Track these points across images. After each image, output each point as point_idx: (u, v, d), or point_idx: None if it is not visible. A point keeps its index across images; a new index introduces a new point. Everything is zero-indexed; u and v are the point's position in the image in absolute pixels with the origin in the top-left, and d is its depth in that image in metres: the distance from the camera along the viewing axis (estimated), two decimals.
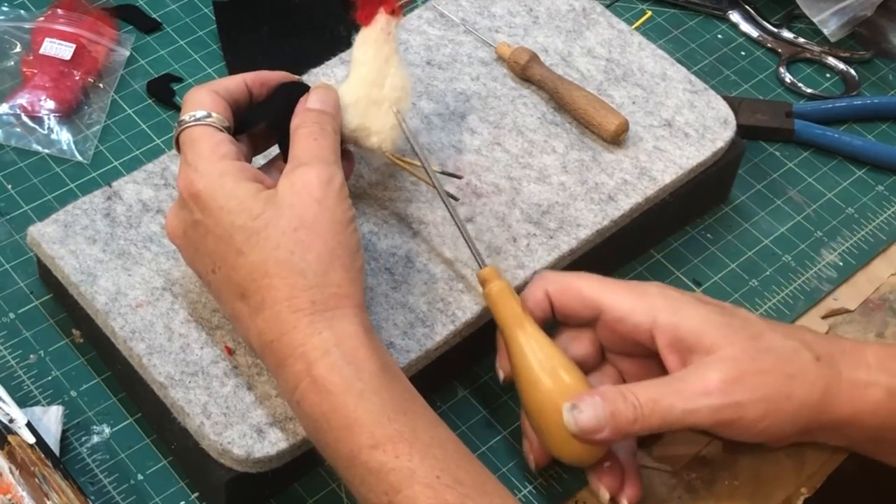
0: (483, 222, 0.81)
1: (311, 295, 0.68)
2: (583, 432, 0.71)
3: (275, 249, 0.69)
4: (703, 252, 0.90)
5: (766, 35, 1.04)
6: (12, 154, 0.91)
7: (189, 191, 0.71)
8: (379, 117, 0.77)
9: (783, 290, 0.88)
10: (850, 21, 1.02)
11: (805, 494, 0.79)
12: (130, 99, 0.95)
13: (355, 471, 0.66)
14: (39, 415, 0.76)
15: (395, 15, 0.77)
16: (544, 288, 0.76)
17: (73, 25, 0.96)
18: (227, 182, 0.70)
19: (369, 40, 0.77)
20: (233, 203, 0.70)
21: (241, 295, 0.70)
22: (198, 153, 0.72)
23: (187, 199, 0.71)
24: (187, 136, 0.73)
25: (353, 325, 0.68)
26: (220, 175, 0.71)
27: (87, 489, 0.75)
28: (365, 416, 0.66)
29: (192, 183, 0.71)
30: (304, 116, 0.74)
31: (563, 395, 0.72)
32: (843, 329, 0.86)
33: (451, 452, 0.66)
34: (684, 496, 0.78)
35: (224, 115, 0.74)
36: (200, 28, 1.00)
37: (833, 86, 1.01)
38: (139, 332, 0.75)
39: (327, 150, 0.72)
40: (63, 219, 0.80)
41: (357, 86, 0.77)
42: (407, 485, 0.64)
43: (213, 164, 0.71)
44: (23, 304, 0.83)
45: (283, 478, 0.74)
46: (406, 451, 0.65)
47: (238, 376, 0.74)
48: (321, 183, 0.70)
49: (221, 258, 0.70)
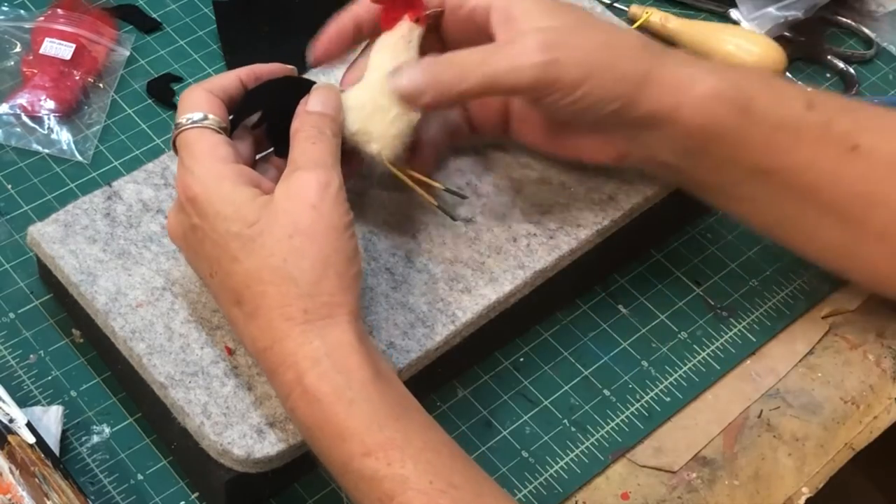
0: (483, 222, 0.81)
1: (303, 303, 0.68)
2: (404, 97, 0.73)
3: (269, 257, 0.68)
4: (703, 252, 0.90)
5: None
6: (12, 154, 0.91)
7: (186, 194, 0.71)
8: (383, 124, 0.75)
9: (783, 290, 0.88)
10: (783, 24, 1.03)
11: (806, 494, 0.79)
12: (130, 99, 0.95)
13: (349, 477, 0.66)
14: (39, 415, 0.76)
15: (420, 24, 0.76)
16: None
17: (73, 25, 0.96)
18: (223, 187, 0.70)
19: (388, 46, 0.76)
20: (229, 209, 0.69)
21: (237, 301, 0.70)
22: (194, 156, 0.72)
23: (185, 202, 0.71)
24: (184, 139, 0.72)
25: (346, 334, 0.68)
26: (217, 179, 0.70)
27: (87, 489, 0.75)
28: (356, 425, 0.66)
29: (189, 186, 0.71)
30: (303, 119, 0.74)
31: None
32: (844, 329, 0.86)
33: (444, 456, 0.67)
34: (684, 496, 0.78)
35: (220, 116, 0.73)
36: (200, 28, 1.00)
37: (833, 85, 1.01)
38: (139, 331, 0.75)
39: (325, 154, 0.72)
40: (63, 218, 0.80)
41: (366, 90, 0.75)
42: (400, 491, 0.64)
43: (209, 167, 0.71)
44: (23, 304, 0.83)
45: (283, 478, 0.74)
46: (398, 457, 0.65)
47: (238, 376, 0.74)
48: (318, 188, 0.69)
49: (218, 263, 0.70)
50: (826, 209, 0.78)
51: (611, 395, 0.82)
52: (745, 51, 0.98)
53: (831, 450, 0.81)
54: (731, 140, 0.77)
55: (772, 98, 0.78)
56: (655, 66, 0.76)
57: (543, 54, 0.73)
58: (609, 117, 0.76)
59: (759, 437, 0.81)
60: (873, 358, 0.85)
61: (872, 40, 1.03)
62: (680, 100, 0.76)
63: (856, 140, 0.78)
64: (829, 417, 0.82)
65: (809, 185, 0.78)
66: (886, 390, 0.84)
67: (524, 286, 0.79)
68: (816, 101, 0.79)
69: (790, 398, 0.83)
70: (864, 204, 0.78)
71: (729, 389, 0.83)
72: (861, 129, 0.78)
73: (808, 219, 0.79)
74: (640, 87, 0.75)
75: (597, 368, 0.83)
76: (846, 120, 0.79)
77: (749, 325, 0.86)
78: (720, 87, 0.76)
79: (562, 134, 0.80)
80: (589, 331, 0.85)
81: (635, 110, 0.75)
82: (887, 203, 0.78)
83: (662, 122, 0.76)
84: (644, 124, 0.76)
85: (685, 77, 0.76)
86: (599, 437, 0.80)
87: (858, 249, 0.80)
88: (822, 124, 0.78)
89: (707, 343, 0.85)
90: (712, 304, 0.87)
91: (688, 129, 0.76)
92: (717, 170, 0.79)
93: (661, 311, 0.86)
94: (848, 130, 0.78)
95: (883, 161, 0.78)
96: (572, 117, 0.77)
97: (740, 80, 0.78)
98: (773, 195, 0.79)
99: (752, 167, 0.78)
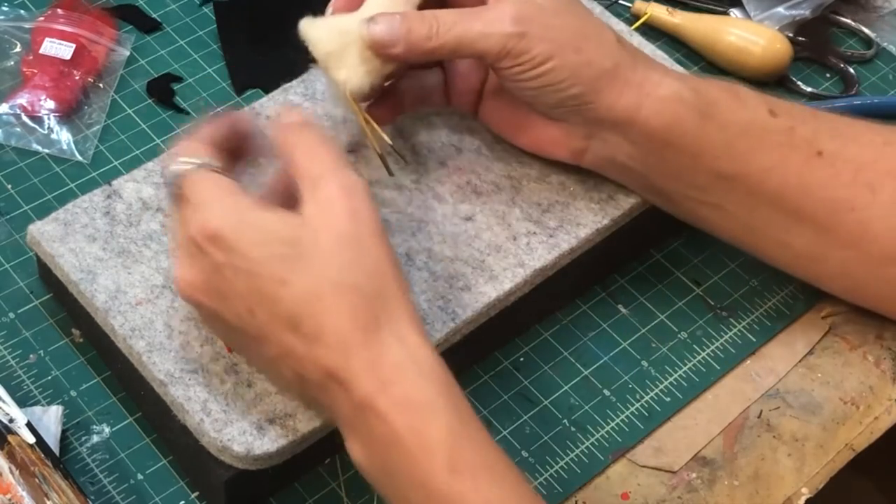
0: (483, 221, 0.81)
1: (373, 310, 0.65)
2: (376, 45, 0.74)
3: (324, 271, 0.66)
4: (703, 252, 0.90)
5: None
6: (12, 154, 0.91)
7: (204, 234, 0.67)
8: (358, 56, 0.75)
9: (783, 290, 0.88)
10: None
11: (806, 495, 0.79)
12: (130, 99, 0.95)
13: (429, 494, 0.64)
14: (39, 415, 0.76)
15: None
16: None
17: (73, 25, 0.96)
18: (248, 215, 0.67)
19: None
20: (261, 235, 0.67)
21: (293, 327, 0.66)
22: (206, 194, 0.69)
23: (203, 243, 0.67)
24: (188, 181, 0.69)
25: (419, 335, 0.66)
26: (239, 210, 0.68)
27: (87, 489, 0.75)
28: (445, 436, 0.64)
29: (206, 225, 0.67)
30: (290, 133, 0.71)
31: None
32: (843, 329, 0.86)
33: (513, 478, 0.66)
34: (684, 496, 0.78)
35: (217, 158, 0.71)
36: (200, 28, 1.00)
37: (833, 85, 1.01)
38: (139, 329, 0.75)
39: (335, 155, 0.70)
40: (63, 217, 0.80)
41: (353, 18, 0.76)
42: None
43: (226, 200, 0.68)
44: (23, 304, 0.83)
45: (283, 476, 0.74)
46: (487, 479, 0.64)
47: (238, 373, 0.74)
48: (346, 193, 0.67)
49: (260, 294, 0.67)
50: (794, 216, 0.79)
51: (611, 395, 0.82)
52: (751, 42, 0.98)
53: (831, 450, 0.81)
54: (692, 144, 0.77)
55: (734, 103, 0.79)
56: (624, 63, 0.77)
57: (515, 26, 0.75)
58: (569, 103, 0.77)
59: (759, 438, 0.81)
60: (872, 359, 0.85)
61: (872, 40, 1.03)
62: (641, 100, 0.77)
63: (819, 146, 0.78)
64: (829, 418, 0.82)
65: (775, 191, 0.78)
66: (886, 391, 0.84)
67: (524, 284, 0.79)
68: (779, 109, 0.79)
69: (790, 398, 0.83)
70: (832, 210, 0.78)
71: (729, 389, 0.83)
72: (824, 136, 0.79)
73: (776, 226, 0.80)
74: (605, 79, 0.76)
75: (597, 368, 0.83)
76: (808, 127, 0.79)
77: (749, 325, 0.86)
78: (681, 90, 0.77)
79: (524, 123, 0.81)
80: (589, 331, 0.85)
81: (597, 101, 0.77)
82: (854, 208, 0.78)
83: (622, 121, 0.77)
84: (604, 120, 0.77)
85: (650, 78, 0.77)
86: (599, 437, 0.80)
87: (830, 257, 0.80)
88: (786, 130, 0.78)
89: (707, 343, 0.85)
90: (712, 304, 0.87)
91: (647, 130, 0.77)
92: (678, 175, 0.79)
93: (661, 311, 0.86)
94: (811, 137, 0.79)
95: (847, 167, 0.78)
96: (534, 97, 0.78)
97: (702, 85, 0.79)
98: (738, 202, 0.79)
99: (715, 172, 0.78)
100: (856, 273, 0.81)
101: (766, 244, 0.82)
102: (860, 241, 0.79)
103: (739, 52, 0.98)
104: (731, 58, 0.99)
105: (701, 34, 1.00)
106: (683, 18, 1.01)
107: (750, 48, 0.98)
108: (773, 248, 0.82)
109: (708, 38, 1.00)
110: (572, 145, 0.80)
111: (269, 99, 0.86)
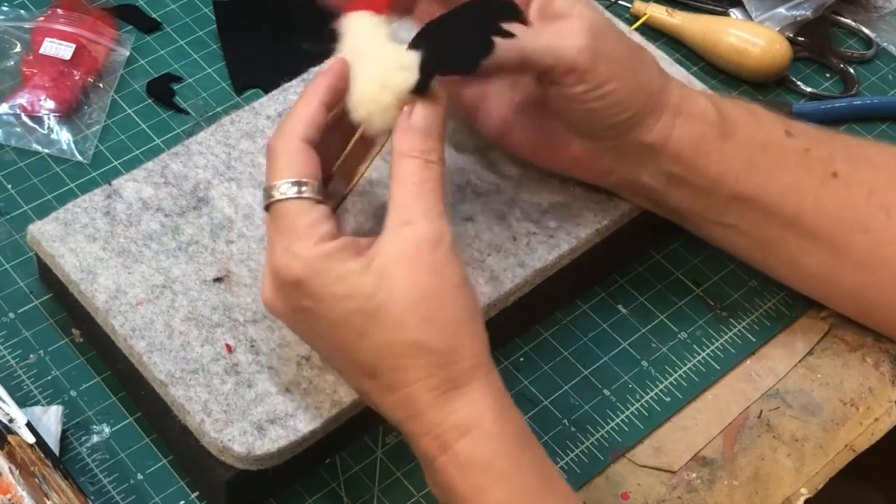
0: (483, 221, 0.81)
1: (444, 372, 0.65)
2: None
3: (397, 328, 0.65)
4: (703, 252, 0.89)
5: None
6: (12, 154, 0.91)
7: (288, 277, 0.67)
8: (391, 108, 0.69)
9: (783, 291, 0.88)
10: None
11: (805, 495, 0.79)
12: (130, 99, 0.95)
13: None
14: (39, 415, 0.76)
15: None
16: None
17: (73, 25, 0.96)
18: (332, 267, 0.66)
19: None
20: (342, 289, 0.66)
21: (370, 375, 0.67)
22: (295, 235, 0.67)
23: (287, 285, 0.67)
24: (280, 211, 0.68)
25: (489, 398, 0.66)
26: (323, 259, 0.66)
27: (87, 489, 0.75)
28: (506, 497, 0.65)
29: (289, 268, 0.67)
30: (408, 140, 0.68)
31: None
32: (843, 330, 0.86)
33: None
34: (684, 496, 0.78)
35: (316, 176, 0.68)
36: (200, 28, 1.00)
37: (833, 85, 1.01)
38: (139, 329, 0.75)
39: (434, 199, 0.67)
40: (63, 217, 0.80)
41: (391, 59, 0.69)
42: None
43: (312, 248, 0.66)
44: (23, 304, 0.83)
45: (283, 477, 0.74)
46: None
47: (238, 374, 0.74)
48: (431, 247, 0.66)
49: (341, 342, 0.67)
50: (808, 236, 0.79)
51: (611, 395, 0.82)
52: (750, 43, 0.98)
53: (830, 451, 0.81)
54: (714, 164, 0.77)
55: (753, 123, 0.79)
56: (666, 86, 0.76)
57: (587, 40, 0.72)
58: (620, 127, 0.76)
59: (759, 438, 0.81)
60: (871, 361, 0.85)
61: (872, 40, 1.03)
62: (674, 121, 0.76)
63: (834, 168, 0.78)
64: (829, 418, 0.82)
65: (792, 211, 0.78)
66: (885, 393, 0.84)
67: (524, 284, 0.79)
68: (794, 129, 0.79)
69: (790, 399, 0.83)
70: (847, 230, 0.78)
71: (729, 389, 0.83)
72: (838, 158, 0.79)
73: (790, 246, 0.80)
74: (652, 103, 0.75)
75: (597, 368, 0.83)
76: (824, 148, 0.79)
77: (749, 325, 0.86)
78: (708, 110, 0.77)
79: (550, 144, 0.80)
80: (589, 331, 0.85)
81: (641, 124, 0.76)
82: (868, 230, 0.78)
83: (657, 144, 0.76)
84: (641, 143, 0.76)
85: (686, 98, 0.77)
86: (599, 437, 0.80)
87: (842, 278, 0.80)
88: (802, 150, 0.78)
89: (707, 343, 0.85)
90: (712, 305, 0.87)
91: (676, 152, 0.77)
92: (697, 197, 0.79)
93: (661, 311, 0.86)
94: (826, 158, 0.79)
95: (862, 188, 0.78)
96: (587, 119, 0.76)
97: (724, 105, 0.79)
98: (754, 223, 0.79)
99: (734, 193, 0.78)
100: (868, 295, 0.81)
101: (779, 263, 0.82)
102: (874, 262, 0.79)
103: (739, 53, 0.98)
104: (730, 58, 0.99)
105: (700, 35, 1.00)
106: (683, 19, 1.01)
107: (749, 49, 0.98)
108: (785, 268, 0.82)
109: (707, 38, 1.00)
110: (600, 167, 0.79)
111: (269, 99, 0.86)
